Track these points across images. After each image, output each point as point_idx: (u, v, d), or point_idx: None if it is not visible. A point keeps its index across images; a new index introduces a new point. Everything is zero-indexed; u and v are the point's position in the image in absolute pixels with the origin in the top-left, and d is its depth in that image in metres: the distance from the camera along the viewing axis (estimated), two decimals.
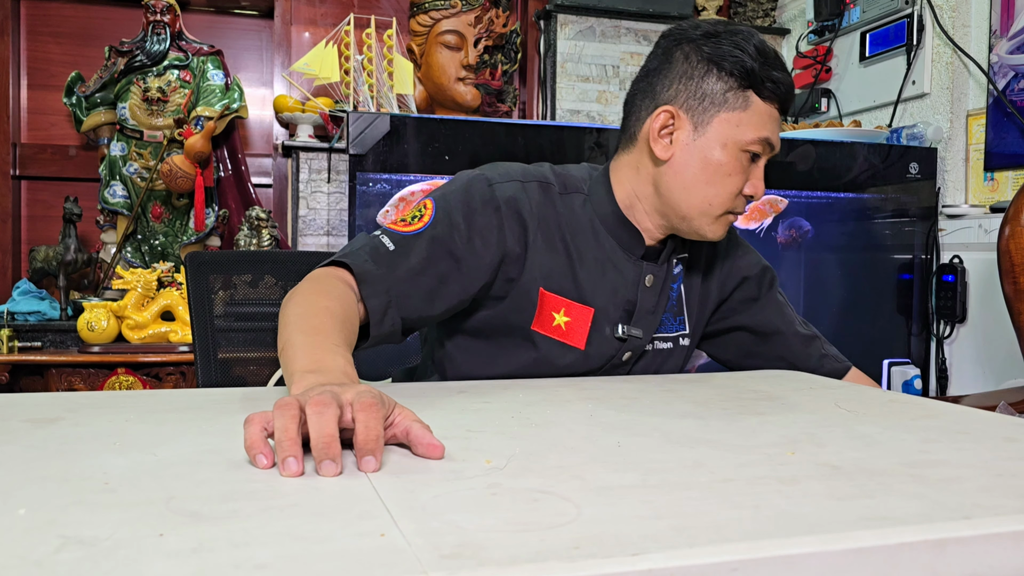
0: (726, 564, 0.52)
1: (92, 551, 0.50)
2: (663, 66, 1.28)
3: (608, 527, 0.56)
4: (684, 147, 1.25)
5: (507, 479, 0.67)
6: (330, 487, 0.64)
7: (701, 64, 1.24)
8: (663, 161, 1.26)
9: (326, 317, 1.02)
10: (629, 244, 1.32)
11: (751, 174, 1.27)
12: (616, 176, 1.33)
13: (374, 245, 1.18)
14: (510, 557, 0.50)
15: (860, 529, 0.56)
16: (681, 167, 1.25)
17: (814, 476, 0.69)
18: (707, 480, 0.68)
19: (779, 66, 1.26)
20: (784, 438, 0.84)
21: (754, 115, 1.24)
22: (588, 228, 1.31)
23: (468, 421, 0.91)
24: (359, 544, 0.52)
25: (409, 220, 1.21)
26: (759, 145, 1.25)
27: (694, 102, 1.24)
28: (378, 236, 1.20)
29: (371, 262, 1.15)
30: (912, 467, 0.73)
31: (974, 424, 0.94)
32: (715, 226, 1.29)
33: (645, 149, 1.29)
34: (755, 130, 1.24)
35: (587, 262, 1.30)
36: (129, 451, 0.74)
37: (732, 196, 1.26)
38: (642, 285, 1.33)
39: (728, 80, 1.23)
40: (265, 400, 1.01)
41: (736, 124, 1.23)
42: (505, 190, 1.24)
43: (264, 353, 1.91)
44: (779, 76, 1.25)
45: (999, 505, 0.62)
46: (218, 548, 0.51)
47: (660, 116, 1.26)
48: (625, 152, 1.33)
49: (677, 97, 1.26)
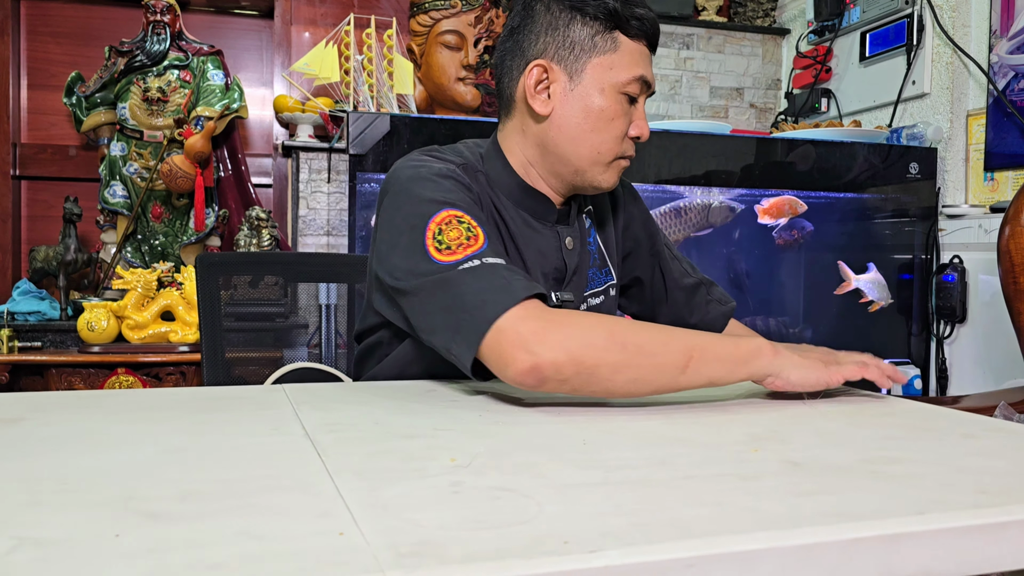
0: (682, 560, 0.52)
1: (46, 552, 0.50)
2: (526, 22, 1.26)
3: (568, 524, 0.56)
4: (562, 99, 1.23)
5: (470, 477, 0.67)
6: (292, 486, 0.64)
7: (564, 13, 1.23)
8: (544, 117, 1.24)
9: (662, 327, 1.07)
10: (541, 212, 1.30)
11: (633, 115, 1.26)
12: (506, 145, 1.31)
13: (499, 270, 1.05)
14: (468, 555, 0.50)
15: (816, 525, 0.56)
16: (563, 119, 1.24)
17: (776, 473, 0.70)
18: (670, 477, 0.68)
19: (640, 3, 1.24)
20: (749, 435, 0.84)
21: (625, 55, 1.22)
22: (499, 204, 1.28)
23: (436, 419, 0.91)
24: (317, 543, 0.52)
25: (468, 234, 1.09)
26: (636, 84, 1.23)
27: (564, 52, 1.23)
28: (487, 263, 1.05)
29: (526, 276, 1.07)
30: (872, 463, 0.74)
31: (936, 421, 0.95)
32: (608, 174, 1.27)
33: (524, 109, 1.27)
34: (628, 70, 1.22)
35: (507, 237, 1.27)
36: (91, 451, 0.75)
37: (619, 140, 1.25)
38: (564, 249, 1.31)
39: (593, 24, 1.22)
40: (232, 399, 1.01)
41: (609, 67, 1.22)
42: (452, 170, 1.21)
43: (265, 353, 1.93)
44: (642, 12, 1.23)
45: (954, 500, 0.63)
46: (174, 548, 0.51)
47: (533, 72, 1.24)
48: (507, 119, 1.31)
49: (547, 50, 1.24)
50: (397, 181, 1.19)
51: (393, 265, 1.12)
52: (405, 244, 1.11)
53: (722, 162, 2.91)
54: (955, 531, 0.58)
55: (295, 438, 0.81)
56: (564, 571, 0.49)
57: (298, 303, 3.13)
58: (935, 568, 0.57)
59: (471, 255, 1.05)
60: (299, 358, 3.04)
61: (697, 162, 2.88)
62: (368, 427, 0.87)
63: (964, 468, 0.73)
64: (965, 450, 0.80)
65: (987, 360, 2.97)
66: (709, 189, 2.95)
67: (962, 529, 0.58)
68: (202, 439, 0.73)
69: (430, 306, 1.06)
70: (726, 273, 3.11)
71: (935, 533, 0.57)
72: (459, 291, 1.03)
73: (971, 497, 0.64)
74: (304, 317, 3.12)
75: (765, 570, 0.53)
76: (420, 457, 0.73)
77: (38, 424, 0.86)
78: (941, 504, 0.61)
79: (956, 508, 0.61)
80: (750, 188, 2.98)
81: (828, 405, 1.04)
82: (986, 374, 2.97)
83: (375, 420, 0.90)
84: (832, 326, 3.19)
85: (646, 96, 1.27)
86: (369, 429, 0.86)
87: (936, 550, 0.57)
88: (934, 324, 3.14)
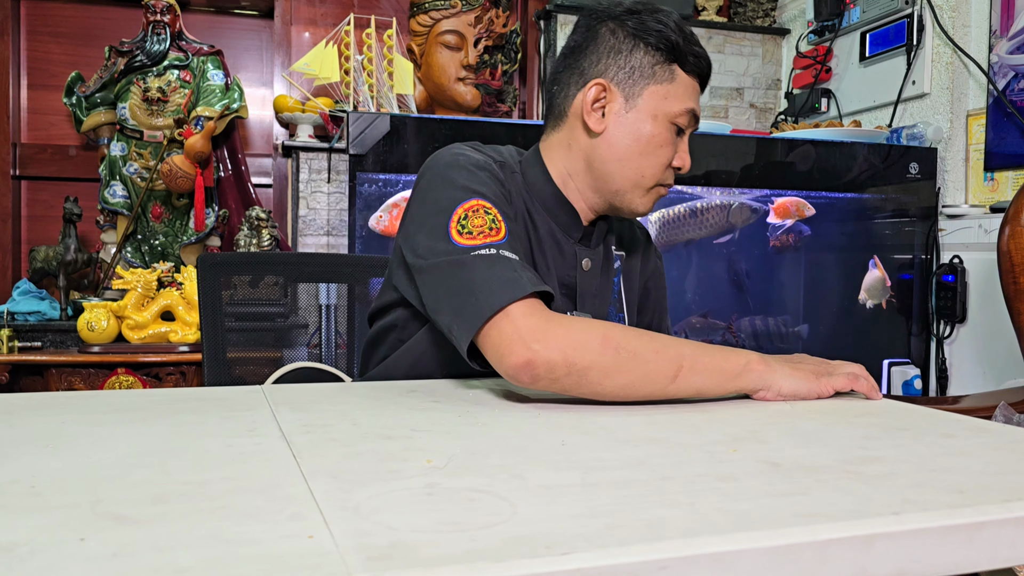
0: (655, 562, 0.51)
1: (8, 556, 0.49)
2: (588, 43, 1.30)
3: (542, 526, 0.55)
4: (616, 119, 1.27)
5: (445, 479, 0.66)
6: (265, 488, 0.64)
7: (628, 39, 1.27)
8: (596, 134, 1.28)
9: (658, 335, 1.07)
10: (568, 225, 1.34)
11: (679, 146, 1.31)
12: (548, 156, 1.34)
13: (513, 263, 1.07)
14: (439, 557, 0.49)
15: (791, 526, 0.56)
16: (614, 139, 1.28)
17: (753, 473, 0.69)
18: (647, 478, 0.67)
19: (698, 42, 1.30)
20: (728, 436, 0.84)
21: (680, 87, 1.27)
22: (531, 209, 1.32)
23: (414, 420, 0.91)
24: (285, 546, 0.51)
25: (490, 224, 1.12)
26: (685, 117, 1.28)
27: (623, 75, 1.27)
28: (503, 255, 1.08)
29: (536, 275, 1.08)
30: (849, 463, 0.73)
31: (914, 421, 0.94)
32: (645, 199, 1.31)
33: (577, 125, 1.31)
34: (681, 101, 1.27)
35: (535, 241, 1.31)
36: (61, 453, 0.74)
37: (663, 167, 1.29)
38: (580, 268, 1.35)
39: (655, 54, 1.26)
40: (210, 400, 1.01)
41: (664, 96, 1.27)
42: (488, 163, 1.24)
43: (265, 353, 1.93)
44: (700, 51, 1.29)
45: (930, 500, 0.62)
46: (139, 552, 0.50)
47: (592, 89, 1.27)
48: (555, 131, 1.34)
49: (607, 71, 1.28)
50: (436, 165, 1.23)
51: (417, 243, 1.16)
52: (431, 225, 1.14)
53: (722, 162, 2.90)
54: (931, 531, 0.58)
55: (271, 439, 0.80)
56: (535, 573, 0.49)
57: (298, 303, 3.12)
58: (910, 568, 0.57)
59: (489, 243, 1.09)
60: (299, 358, 3.04)
61: (697, 162, 2.85)
62: (345, 428, 0.86)
63: (941, 468, 0.72)
64: (943, 450, 0.80)
65: (987, 360, 2.96)
66: (710, 189, 2.95)
67: (938, 529, 0.58)
68: (175, 441, 0.72)
69: (441, 285, 1.10)
70: (725, 271, 3.11)
71: (911, 533, 0.57)
72: (470, 276, 1.06)
73: (947, 497, 0.63)
74: (304, 317, 3.11)
75: (740, 571, 0.53)
76: (396, 458, 0.73)
77: (9, 426, 0.85)
78: (917, 504, 0.61)
79: (932, 508, 0.60)
80: (750, 188, 2.97)
81: (807, 405, 1.04)
82: (986, 374, 2.97)
83: (353, 421, 0.90)
84: (832, 326, 3.18)
85: (692, 130, 1.32)
86: (346, 430, 0.85)
87: (912, 550, 0.57)
88: (934, 324, 3.14)
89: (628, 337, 1.02)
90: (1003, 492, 0.65)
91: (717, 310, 3.07)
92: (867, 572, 0.56)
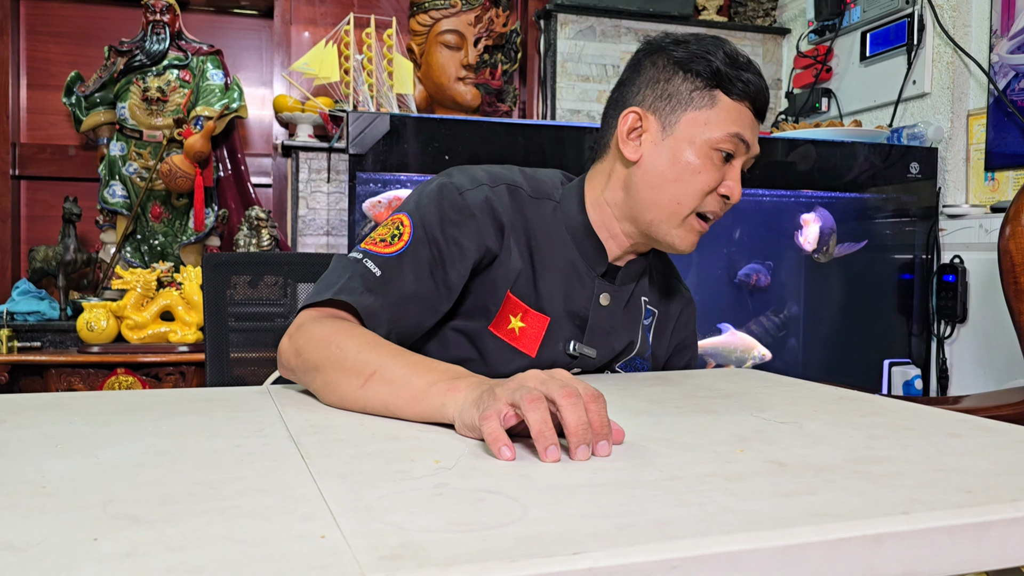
0: (666, 562, 0.52)
1: (22, 557, 0.49)
2: (632, 76, 1.32)
3: (552, 526, 0.56)
4: (652, 147, 1.26)
5: (455, 479, 0.67)
6: (275, 488, 0.64)
7: (668, 68, 1.27)
8: (633, 162, 1.28)
9: (388, 345, 1.02)
10: (592, 258, 1.32)
11: (727, 174, 1.27)
12: (589, 185, 1.34)
13: (362, 272, 1.14)
14: (450, 558, 0.49)
15: (800, 525, 0.56)
16: (650, 166, 1.26)
17: (760, 473, 0.70)
18: (655, 478, 0.67)
19: (751, 70, 1.27)
20: (735, 436, 0.84)
21: (722, 112, 1.24)
22: (555, 236, 1.31)
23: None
24: (297, 546, 0.51)
25: (389, 240, 1.18)
26: (730, 142, 1.24)
27: (661, 103, 1.26)
28: (361, 261, 1.15)
29: (368, 294, 1.12)
30: (856, 463, 0.73)
31: (921, 421, 0.94)
32: (683, 231, 1.28)
33: (616, 154, 1.31)
34: (723, 127, 1.24)
35: (549, 270, 1.30)
36: (70, 454, 0.74)
37: (700, 194, 1.25)
38: (595, 302, 1.33)
39: (694, 80, 1.25)
40: (216, 401, 1.01)
41: (704, 123, 1.24)
42: (475, 196, 1.24)
43: (265, 353, 1.92)
44: (749, 76, 1.25)
45: (938, 500, 0.62)
46: (153, 552, 0.50)
47: (628, 117, 1.27)
48: (599, 161, 1.35)
49: (644, 100, 1.28)
50: (427, 186, 1.26)
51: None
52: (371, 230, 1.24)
53: None
54: (939, 531, 0.58)
55: (278, 440, 0.81)
56: (546, 573, 0.49)
57: (298, 303, 3.13)
58: (919, 568, 0.57)
59: (368, 250, 1.17)
60: None
61: None
62: (352, 429, 0.86)
63: (948, 467, 0.72)
64: (950, 449, 0.80)
65: (988, 360, 2.96)
66: None
67: (946, 529, 0.58)
68: (184, 441, 0.72)
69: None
70: (725, 273, 3.11)
71: (919, 533, 0.57)
72: (327, 271, 1.17)
73: (955, 496, 0.63)
74: None
75: (750, 571, 0.53)
76: (404, 459, 0.73)
77: (17, 426, 0.85)
78: (925, 504, 0.61)
79: (940, 508, 0.60)
80: (750, 188, 2.97)
81: (812, 404, 1.03)
82: (987, 374, 2.97)
83: (359, 422, 0.90)
84: (833, 326, 3.18)
85: (746, 158, 1.29)
86: (353, 431, 0.85)
87: (920, 550, 0.57)
88: (934, 324, 3.14)
89: (351, 336, 1.01)
90: (1011, 491, 0.65)
91: (717, 310, 3.07)
92: (875, 571, 0.56)
